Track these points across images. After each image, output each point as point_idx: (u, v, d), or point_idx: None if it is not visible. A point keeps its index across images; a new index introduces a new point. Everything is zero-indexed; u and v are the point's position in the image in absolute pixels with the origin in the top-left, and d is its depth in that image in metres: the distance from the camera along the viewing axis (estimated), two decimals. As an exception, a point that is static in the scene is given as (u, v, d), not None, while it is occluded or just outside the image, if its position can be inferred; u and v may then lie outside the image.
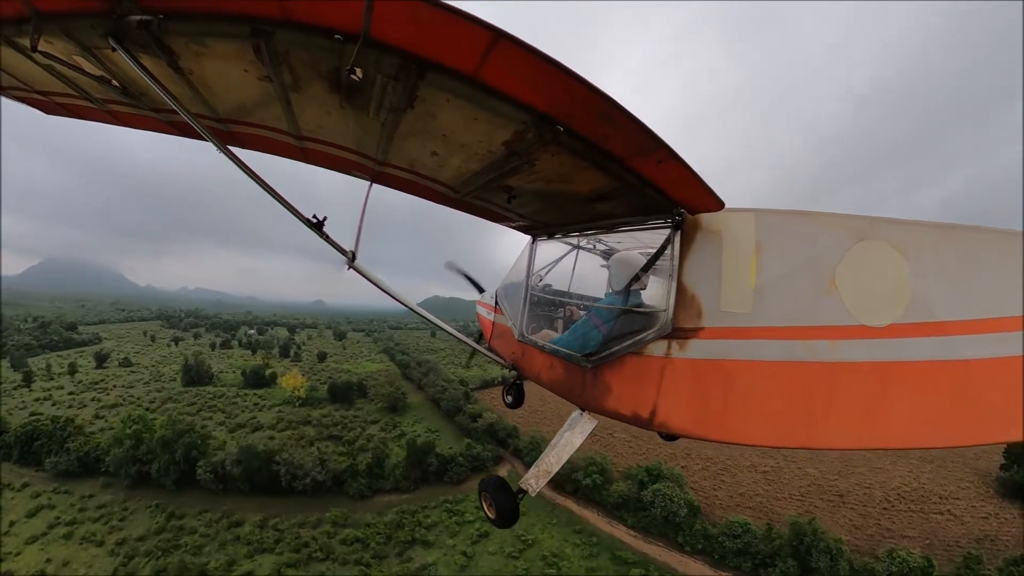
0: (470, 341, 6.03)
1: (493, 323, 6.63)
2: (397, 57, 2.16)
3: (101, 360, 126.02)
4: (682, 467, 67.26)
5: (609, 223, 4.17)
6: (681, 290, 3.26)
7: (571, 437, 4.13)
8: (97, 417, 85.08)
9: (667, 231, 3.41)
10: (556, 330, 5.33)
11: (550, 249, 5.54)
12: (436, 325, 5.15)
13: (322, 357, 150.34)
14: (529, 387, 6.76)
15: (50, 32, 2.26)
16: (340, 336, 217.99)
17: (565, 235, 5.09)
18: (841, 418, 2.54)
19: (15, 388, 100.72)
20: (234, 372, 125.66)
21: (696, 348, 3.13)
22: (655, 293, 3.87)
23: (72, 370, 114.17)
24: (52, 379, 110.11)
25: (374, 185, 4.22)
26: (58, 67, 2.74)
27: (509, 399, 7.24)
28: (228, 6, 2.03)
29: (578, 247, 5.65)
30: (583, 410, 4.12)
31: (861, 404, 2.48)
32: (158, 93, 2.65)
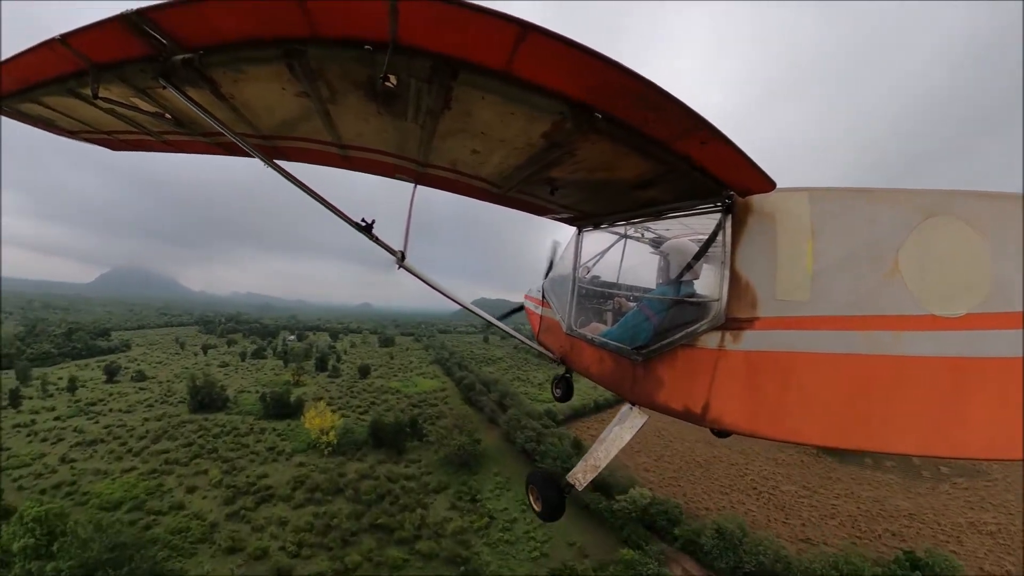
0: (524, 339, 5.93)
1: (541, 317, 6.78)
2: (428, 60, 2.26)
3: (112, 374, 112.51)
4: None
5: (656, 210, 4.09)
6: (734, 278, 3.18)
7: (620, 432, 4.15)
8: (63, 461, 65.26)
9: (717, 215, 3.34)
10: (605, 323, 5.53)
11: (597, 240, 5.55)
12: (491, 322, 5.58)
13: (364, 372, 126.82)
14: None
15: (107, 80, 2.63)
16: (386, 342, 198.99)
17: (611, 225, 5.09)
18: (906, 419, 2.40)
19: (1, 408, 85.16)
20: (257, 391, 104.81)
21: (750, 339, 3.04)
22: (707, 282, 3.79)
23: (72, 386, 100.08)
24: (52, 396, 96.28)
25: (418, 186, 4.40)
26: (118, 109, 3.14)
27: (558, 392, 7.39)
28: (259, 32, 2.21)
29: (625, 236, 5.69)
30: (633, 405, 4.11)
31: (930, 405, 2.34)
32: (206, 120, 2.95)
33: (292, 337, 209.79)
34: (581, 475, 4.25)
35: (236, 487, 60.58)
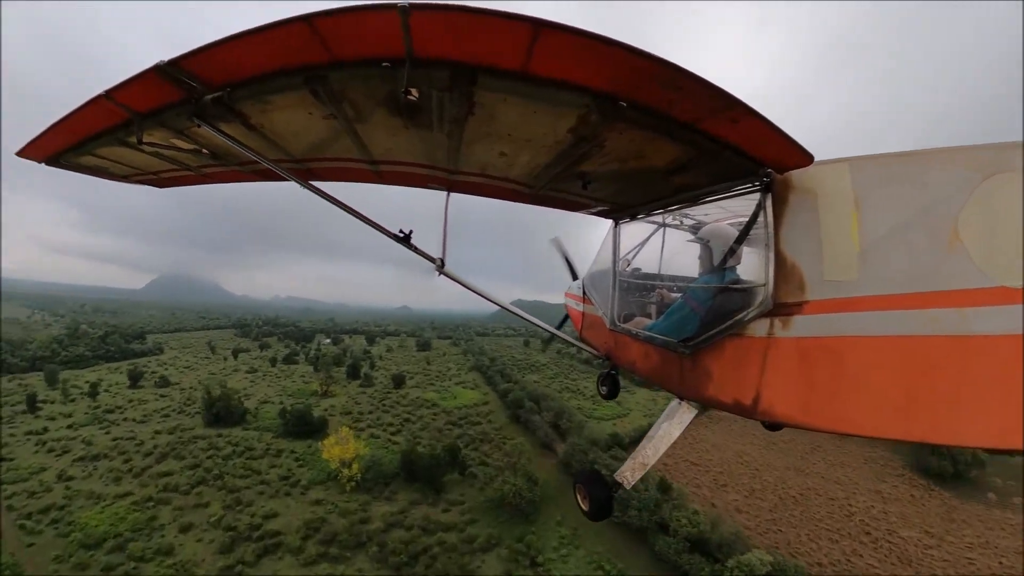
0: (568, 337, 5.94)
1: (583, 314, 6.77)
2: (446, 69, 2.31)
3: (135, 379, 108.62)
4: None
5: (693, 195, 4.01)
6: (780, 260, 3.10)
7: (669, 428, 4.12)
8: (60, 478, 59.42)
9: (757, 195, 3.29)
10: (649, 316, 5.39)
11: (634, 231, 5.51)
12: (534, 324, 5.47)
13: (399, 381, 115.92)
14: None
15: (149, 126, 2.88)
16: (424, 346, 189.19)
17: (648, 214, 5.06)
18: (978, 407, 2.22)
19: (17, 414, 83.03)
20: (281, 403, 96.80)
21: (800, 325, 2.95)
22: (752, 267, 3.65)
23: (93, 391, 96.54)
24: (73, 400, 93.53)
25: (451, 194, 4.49)
26: (161, 151, 3.44)
27: (604, 390, 7.25)
28: (279, 64, 2.35)
29: (664, 225, 5.64)
30: (681, 399, 4.09)
31: (1007, 390, 2.15)
32: (241, 151, 3.17)
33: (327, 341, 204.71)
34: (629, 473, 4.20)
35: (237, 531, 49.63)
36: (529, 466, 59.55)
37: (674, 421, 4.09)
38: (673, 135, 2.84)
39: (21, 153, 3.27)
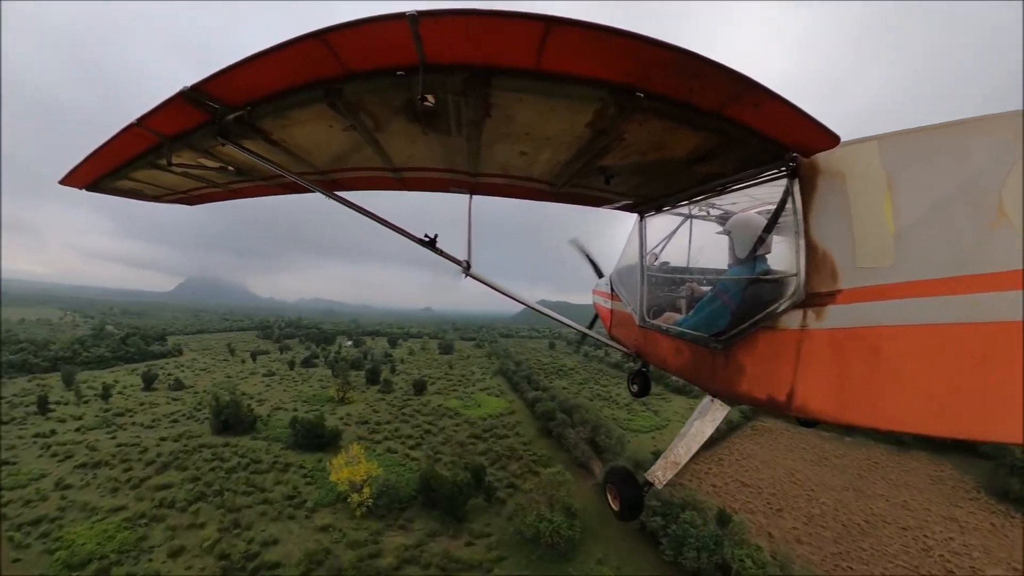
0: (598, 335, 6.04)
1: (611, 311, 6.73)
2: (460, 73, 2.35)
3: (149, 381, 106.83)
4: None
5: (718, 184, 3.96)
6: (810, 248, 3.04)
7: (701, 426, 4.04)
8: (58, 486, 56.32)
9: (783, 181, 3.24)
10: (679, 311, 5.32)
11: (661, 224, 5.46)
12: (565, 324, 5.51)
13: (420, 387, 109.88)
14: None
15: (178, 149, 3.09)
16: (446, 348, 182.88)
17: (674, 206, 4.98)
18: None
19: (29, 415, 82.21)
20: (295, 409, 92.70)
21: (834, 315, 2.86)
22: (783, 256, 3.54)
23: (106, 393, 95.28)
24: (87, 402, 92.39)
25: (474, 196, 4.59)
26: (189, 171, 3.67)
27: (635, 388, 7.03)
28: (295, 80, 2.46)
29: (690, 216, 5.56)
30: (714, 396, 4.03)
31: None
32: (265, 166, 3.35)
33: (349, 343, 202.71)
34: (661, 473, 4.19)
35: (231, 559, 43.69)
36: (565, 493, 51.63)
37: (707, 419, 4.03)
38: (694, 123, 2.79)
39: (63, 182, 3.57)
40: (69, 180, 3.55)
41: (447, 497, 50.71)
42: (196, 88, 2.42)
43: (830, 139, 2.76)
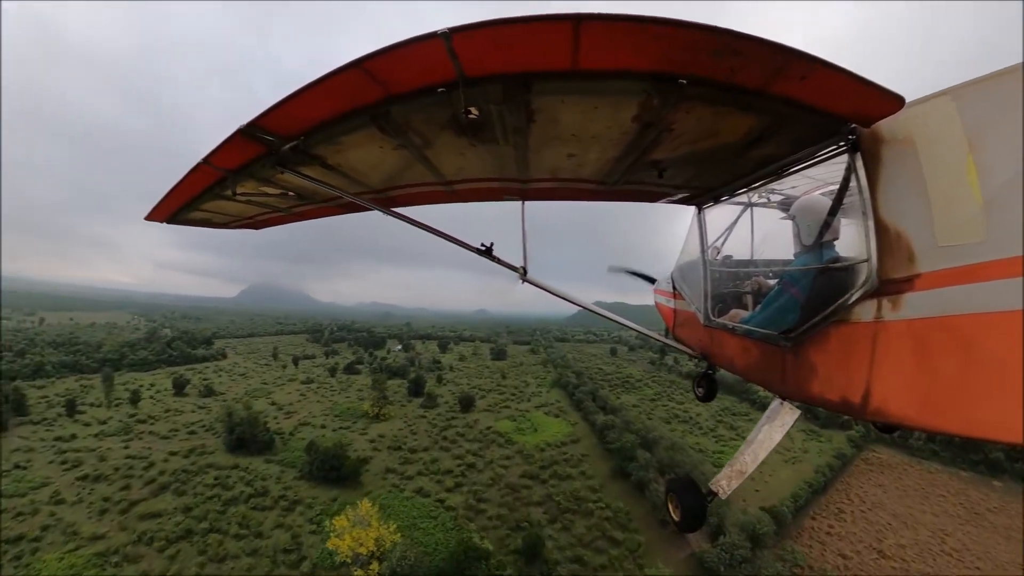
0: (661, 337, 5.91)
1: (674, 310, 6.49)
2: (499, 83, 2.43)
3: (180, 387, 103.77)
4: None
5: (776, 167, 3.80)
6: (881, 229, 2.79)
7: (770, 432, 3.90)
8: (52, 499, 54.89)
9: (845, 157, 3.05)
10: (746, 307, 5.15)
11: (720, 215, 5.26)
12: (629, 327, 5.38)
13: (467, 404, 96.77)
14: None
15: (241, 180, 3.36)
16: (499, 354, 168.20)
17: (732, 195, 4.79)
18: None
19: (59, 417, 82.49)
20: (321, 426, 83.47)
21: (913, 304, 2.60)
22: (852, 241, 3.32)
23: (135, 398, 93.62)
24: (118, 406, 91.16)
25: (526, 202, 4.67)
26: (253, 198, 4.01)
27: (700, 392, 6.93)
28: (342, 108, 2.62)
29: (750, 205, 5.44)
30: (783, 399, 3.89)
31: None
32: (324, 189, 3.61)
33: (398, 347, 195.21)
34: (725, 482, 3.97)
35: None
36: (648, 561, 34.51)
37: (775, 424, 3.88)
38: (742, 105, 2.72)
39: (148, 218, 3.95)
40: (152, 216, 3.94)
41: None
42: (252, 124, 2.62)
43: (892, 102, 2.50)
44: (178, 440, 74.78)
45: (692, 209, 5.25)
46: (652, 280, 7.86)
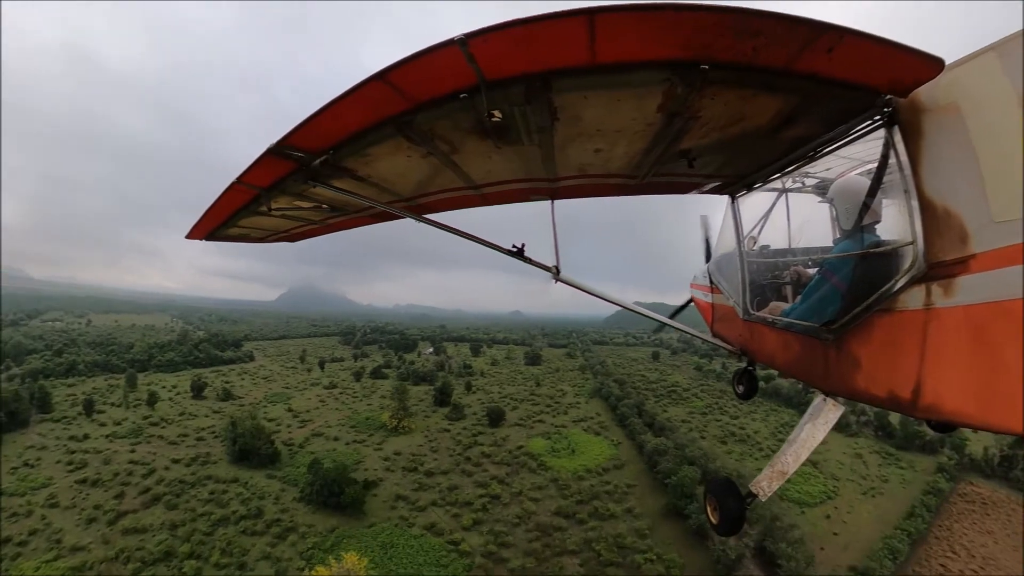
0: (703, 335, 5.93)
1: (712, 305, 6.37)
2: (519, 84, 2.44)
3: (198, 390, 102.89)
4: None
5: (809, 149, 3.69)
6: (927, 208, 2.64)
7: (813, 431, 3.75)
8: (47, 502, 55.22)
9: (882, 132, 2.94)
10: (786, 299, 4.96)
11: (754, 203, 5.10)
12: (666, 324, 5.48)
13: (496, 417, 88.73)
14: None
15: (275, 196, 3.49)
16: (533, 359, 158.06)
17: (765, 181, 4.67)
18: None
19: (78, 416, 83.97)
20: (336, 438, 78.25)
21: (968, 288, 2.41)
22: (894, 222, 3.18)
23: (152, 400, 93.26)
24: (137, 407, 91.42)
25: (555, 201, 4.69)
26: (287, 213, 4.12)
27: (741, 389, 6.80)
28: (367, 121, 2.67)
29: (784, 190, 5.23)
30: (826, 395, 3.76)
31: None
32: (356, 199, 3.74)
33: (430, 350, 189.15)
34: (766, 483, 3.85)
35: None
36: None
37: (818, 421, 3.72)
38: (768, 86, 2.65)
39: (188, 236, 4.13)
40: (192, 234, 4.13)
41: None
42: (281, 143, 2.70)
43: (930, 66, 2.33)
44: (185, 446, 73.76)
45: (725, 198, 5.17)
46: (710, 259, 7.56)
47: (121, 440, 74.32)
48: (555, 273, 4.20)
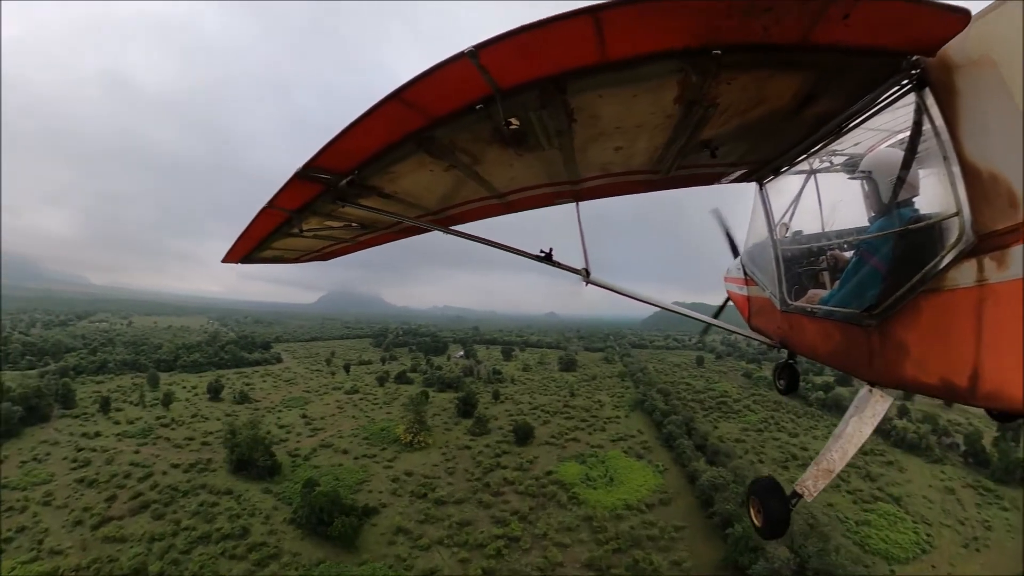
0: (744, 332, 5.83)
1: (748, 298, 6.24)
2: (534, 89, 2.47)
3: (215, 392, 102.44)
4: None
5: (835, 125, 3.59)
6: (970, 174, 2.50)
7: (859, 425, 3.61)
8: (41, 500, 55.34)
9: (911, 97, 2.84)
10: (824, 286, 4.89)
11: (783, 188, 5.01)
12: (710, 323, 5.47)
13: (524, 435, 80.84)
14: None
15: (305, 218, 3.59)
16: (568, 364, 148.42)
17: (792, 164, 4.62)
18: None
19: (96, 413, 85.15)
20: (343, 451, 73.30)
21: None
22: (934, 193, 3.02)
23: (167, 400, 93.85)
24: (152, 406, 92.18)
25: (580, 203, 4.72)
26: (318, 233, 4.22)
27: (782, 384, 6.59)
28: (388, 139, 2.76)
29: (812, 172, 5.12)
30: (872, 386, 3.63)
31: None
32: (384, 216, 3.86)
33: (460, 353, 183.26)
34: (811, 483, 3.74)
35: None
36: None
37: (865, 415, 3.58)
38: (785, 64, 2.60)
39: (224, 260, 4.27)
40: (227, 259, 4.25)
41: None
42: (307, 167, 2.79)
43: (955, 18, 2.22)
44: (188, 450, 72.70)
45: (752, 186, 5.13)
46: (737, 254, 7.33)
47: (129, 440, 74.53)
48: (585, 275, 4.18)
